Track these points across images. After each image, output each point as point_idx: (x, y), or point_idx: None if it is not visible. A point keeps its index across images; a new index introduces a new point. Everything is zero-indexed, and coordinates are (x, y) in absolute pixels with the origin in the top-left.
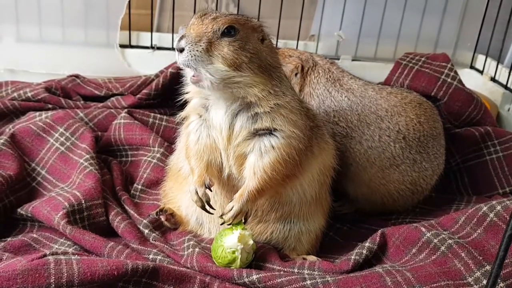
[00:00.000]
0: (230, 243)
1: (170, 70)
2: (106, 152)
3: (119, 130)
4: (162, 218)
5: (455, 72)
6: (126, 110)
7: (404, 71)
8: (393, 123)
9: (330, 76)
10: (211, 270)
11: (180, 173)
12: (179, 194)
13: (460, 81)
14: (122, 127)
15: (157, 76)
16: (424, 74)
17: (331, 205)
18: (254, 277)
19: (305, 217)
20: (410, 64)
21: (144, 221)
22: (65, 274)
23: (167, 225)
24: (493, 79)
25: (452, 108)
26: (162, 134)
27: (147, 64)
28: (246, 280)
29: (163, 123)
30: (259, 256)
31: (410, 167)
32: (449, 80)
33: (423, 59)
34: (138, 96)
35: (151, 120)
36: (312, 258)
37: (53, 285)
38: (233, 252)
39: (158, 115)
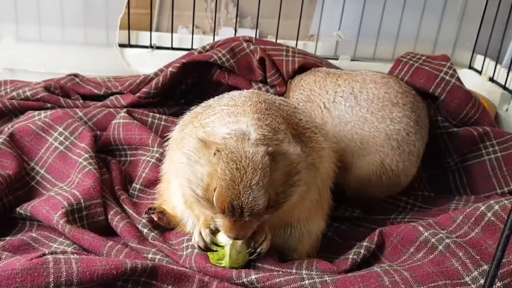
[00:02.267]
0: (220, 239)
1: (170, 69)
2: (105, 151)
3: (118, 129)
4: (154, 217)
5: (454, 70)
6: (125, 109)
7: (404, 68)
8: (349, 86)
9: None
10: (209, 271)
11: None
12: (173, 196)
13: (458, 79)
14: (121, 127)
15: (156, 74)
16: (423, 71)
17: (332, 205)
18: (253, 277)
19: (305, 219)
20: (411, 62)
21: (143, 220)
22: (64, 273)
23: (162, 224)
24: (491, 79)
25: (450, 106)
26: (161, 134)
27: (146, 64)
28: (244, 280)
29: (162, 122)
30: None
31: (359, 125)
32: (447, 77)
33: (423, 58)
34: (138, 94)
35: (150, 119)
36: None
37: (52, 284)
38: (222, 248)
39: (157, 115)
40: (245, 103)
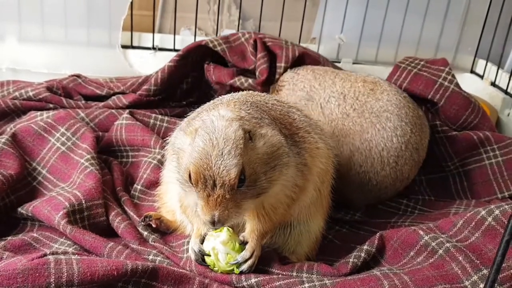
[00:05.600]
0: (205, 247)
1: (167, 63)
2: (107, 152)
3: (121, 130)
4: (152, 224)
5: (453, 76)
6: (128, 111)
7: (403, 74)
8: (341, 86)
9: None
10: (209, 275)
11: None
12: (171, 200)
13: (457, 85)
14: (123, 128)
15: (156, 72)
16: (422, 78)
17: (331, 204)
18: (253, 280)
19: (305, 219)
20: (409, 68)
21: (143, 223)
22: (65, 274)
23: (161, 230)
24: (493, 84)
25: (449, 112)
26: (163, 135)
27: (148, 65)
28: (244, 283)
29: (164, 124)
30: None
31: (342, 121)
32: (446, 83)
33: (422, 62)
34: (139, 92)
35: (152, 121)
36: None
37: (53, 285)
38: (209, 256)
39: (159, 116)
40: (230, 100)
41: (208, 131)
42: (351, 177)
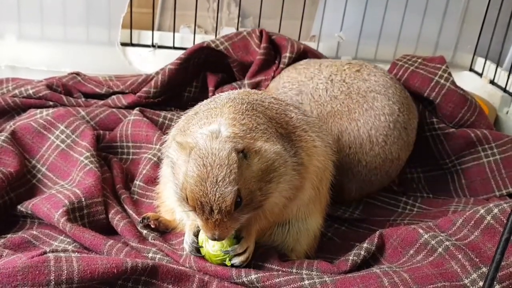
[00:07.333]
0: (200, 238)
1: (168, 66)
2: (108, 148)
3: (127, 125)
4: (151, 225)
5: (449, 74)
6: (138, 108)
7: (399, 72)
8: (328, 72)
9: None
10: (209, 269)
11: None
12: (169, 199)
13: (453, 83)
14: (130, 123)
15: (157, 73)
16: (418, 75)
17: (329, 201)
18: (253, 276)
19: (303, 216)
20: (406, 65)
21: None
22: (65, 271)
23: (160, 230)
24: (492, 82)
25: (445, 110)
26: None
27: (148, 63)
28: (244, 279)
29: (173, 123)
30: (258, 256)
31: (331, 104)
32: (442, 81)
33: (419, 60)
34: (138, 94)
35: (160, 120)
36: None
37: (53, 282)
38: (202, 247)
39: (168, 115)
40: (225, 104)
41: (201, 155)
42: (340, 160)
